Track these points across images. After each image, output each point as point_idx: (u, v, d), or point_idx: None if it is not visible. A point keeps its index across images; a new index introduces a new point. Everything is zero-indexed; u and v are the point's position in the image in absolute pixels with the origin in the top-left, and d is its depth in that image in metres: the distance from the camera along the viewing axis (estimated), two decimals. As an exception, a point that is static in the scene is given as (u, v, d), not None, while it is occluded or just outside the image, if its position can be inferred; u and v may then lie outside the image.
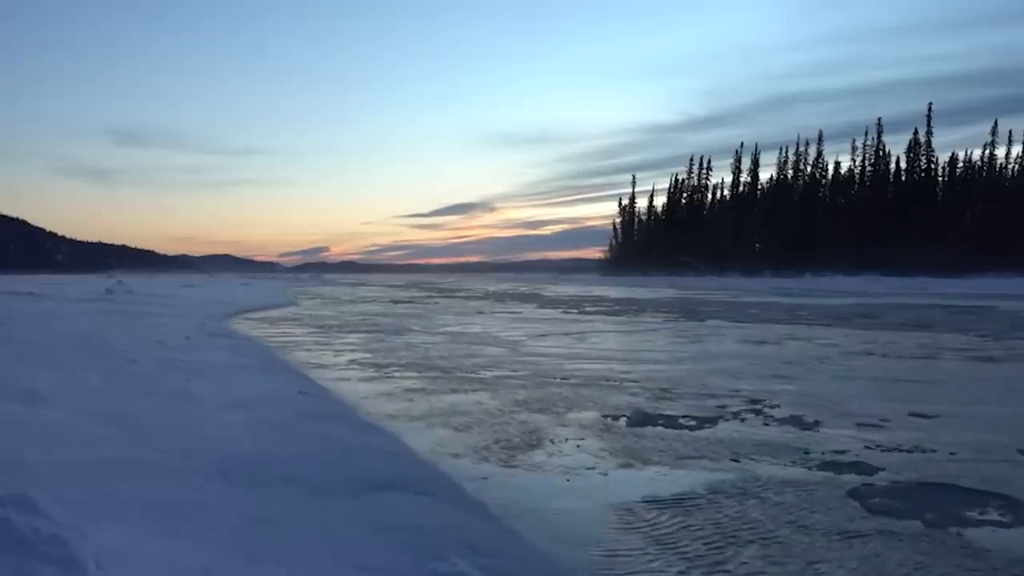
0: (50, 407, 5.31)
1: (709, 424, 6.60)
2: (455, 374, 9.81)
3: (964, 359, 11.56)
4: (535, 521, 4.07)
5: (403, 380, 9.26)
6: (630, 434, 6.22)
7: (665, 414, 7.00)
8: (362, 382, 9.21)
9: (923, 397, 7.92)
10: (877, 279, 60.52)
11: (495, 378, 9.40)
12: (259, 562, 2.79)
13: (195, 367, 8.32)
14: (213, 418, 5.41)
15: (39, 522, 2.41)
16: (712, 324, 19.09)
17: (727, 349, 13.16)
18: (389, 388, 8.69)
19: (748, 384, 8.83)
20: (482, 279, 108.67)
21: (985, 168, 73.12)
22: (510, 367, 10.43)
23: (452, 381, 9.11)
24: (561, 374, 9.69)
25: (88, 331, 12.11)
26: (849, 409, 7.23)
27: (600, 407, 7.36)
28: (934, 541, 3.82)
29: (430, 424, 6.65)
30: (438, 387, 8.66)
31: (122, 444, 4.36)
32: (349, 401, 7.61)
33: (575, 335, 15.87)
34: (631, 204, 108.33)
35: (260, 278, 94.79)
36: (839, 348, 13.04)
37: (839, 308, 27.04)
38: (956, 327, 17.80)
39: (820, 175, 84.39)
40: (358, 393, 8.28)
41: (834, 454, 5.54)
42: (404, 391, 8.42)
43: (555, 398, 7.88)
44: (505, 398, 7.91)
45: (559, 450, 5.69)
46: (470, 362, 11.05)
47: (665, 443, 5.89)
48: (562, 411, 7.19)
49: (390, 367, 10.55)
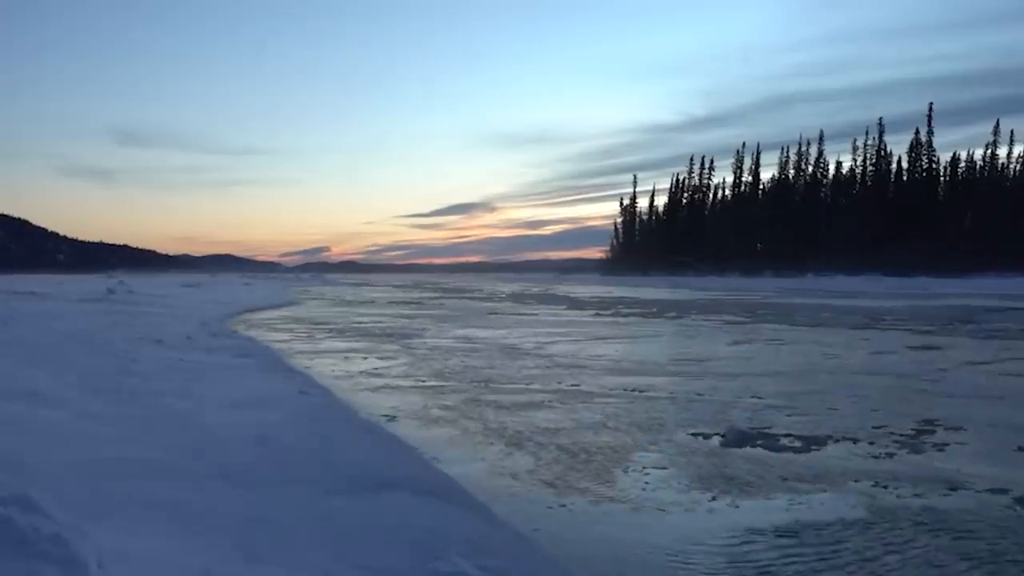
0: (51, 407, 5.31)
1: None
2: (502, 386, 8.80)
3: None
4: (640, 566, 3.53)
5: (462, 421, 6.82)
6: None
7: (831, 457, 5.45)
8: (374, 393, 9.08)
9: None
10: (878, 279, 60.42)
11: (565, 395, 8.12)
12: (259, 562, 2.79)
13: (196, 367, 8.32)
14: (214, 418, 5.42)
15: (40, 522, 2.41)
16: (776, 328, 17.33)
17: (832, 359, 11.30)
18: (420, 406, 7.59)
19: (926, 409, 7.16)
20: (485, 279, 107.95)
21: (986, 168, 73.04)
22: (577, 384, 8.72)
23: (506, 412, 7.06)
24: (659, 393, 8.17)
25: (89, 331, 12.12)
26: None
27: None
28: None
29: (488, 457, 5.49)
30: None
31: (123, 444, 4.37)
32: (349, 401, 7.61)
33: (631, 340, 14.66)
34: (632, 204, 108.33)
35: (261, 278, 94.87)
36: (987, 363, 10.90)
37: (916, 310, 24.32)
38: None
39: (821, 175, 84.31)
40: (358, 393, 8.27)
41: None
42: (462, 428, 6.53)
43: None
44: (580, 416, 6.86)
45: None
46: (522, 374, 9.64)
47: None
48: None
49: (422, 387, 8.81)
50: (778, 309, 25.92)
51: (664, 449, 5.70)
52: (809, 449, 5.66)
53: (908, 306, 27.18)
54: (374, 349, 12.99)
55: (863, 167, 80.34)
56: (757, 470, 5.08)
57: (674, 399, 7.82)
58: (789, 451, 5.61)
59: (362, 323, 19.94)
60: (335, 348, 13.32)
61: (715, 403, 7.55)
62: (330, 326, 18.85)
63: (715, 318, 21.10)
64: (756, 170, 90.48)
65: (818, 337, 14.94)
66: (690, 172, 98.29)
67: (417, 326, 18.50)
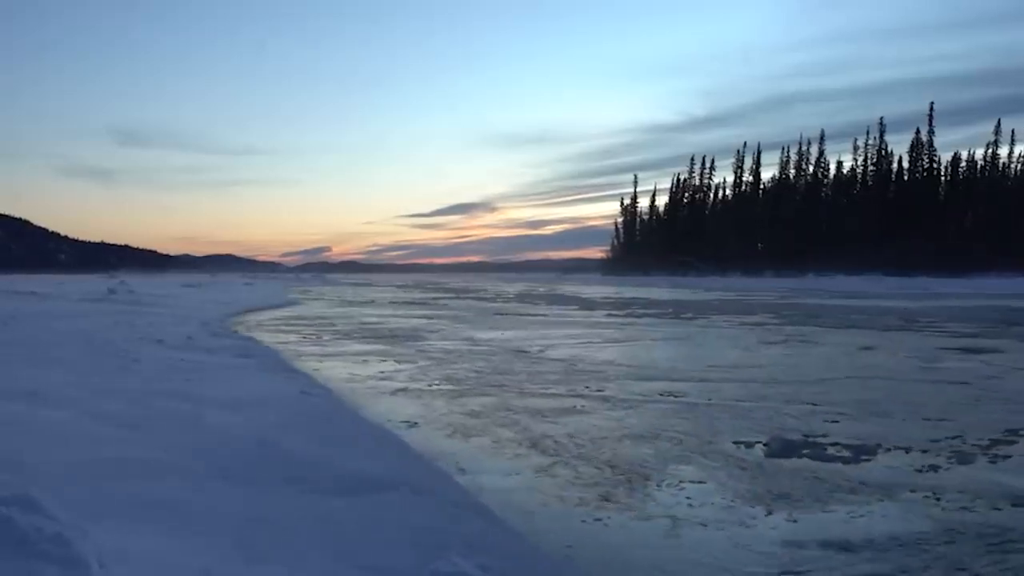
0: (52, 407, 5.33)
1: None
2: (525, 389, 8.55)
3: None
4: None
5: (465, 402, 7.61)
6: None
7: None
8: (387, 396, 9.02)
9: None
10: (879, 279, 60.40)
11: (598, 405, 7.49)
12: (260, 561, 2.80)
13: (197, 367, 8.33)
14: (215, 418, 5.43)
15: (42, 522, 2.42)
16: (810, 330, 16.25)
17: (875, 362, 10.74)
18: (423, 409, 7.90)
19: (988, 417, 6.74)
20: (487, 279, 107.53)
21: (987, 168, 73.03)
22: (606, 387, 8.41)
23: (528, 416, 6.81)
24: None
25: (90, 331, 12.14)
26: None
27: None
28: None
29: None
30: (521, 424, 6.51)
31: (124, 444, 4.38)
32: (350, 401, 7.62)
33: (656, 343, 14.05)
34: (633, 204, 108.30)
35: (262, 278, 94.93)
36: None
37: (951, 312, 23.22)
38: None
39: (822, 175, 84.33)
40: (359, 394, 8.28)
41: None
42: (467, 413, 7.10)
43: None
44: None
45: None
46: (541, 378, 9.09)
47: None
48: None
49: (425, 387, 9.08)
50: (803, 310, 24.85)
51: (707, 459, 5.36)
52: (860, 459, 5.30)
53: (940, 307, 26.31)
54: (381, 351, 12.85)
55: (864, 167, 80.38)
56: (804, 484, 4.77)
57: (711, 405, 7.38)
58: (838, 461, 5.26)
59: (367, 323, 19.89)
60: (340, 351, 13.11)
61: (757, 409, 7.11)
62: (334, 327, 18.58)
63: (737, 319, 20.29)
64: (757, 170, 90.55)
65: (853, 339, 14.33)
66: (691, 172, 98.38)
67: (424, 327, 18.21)
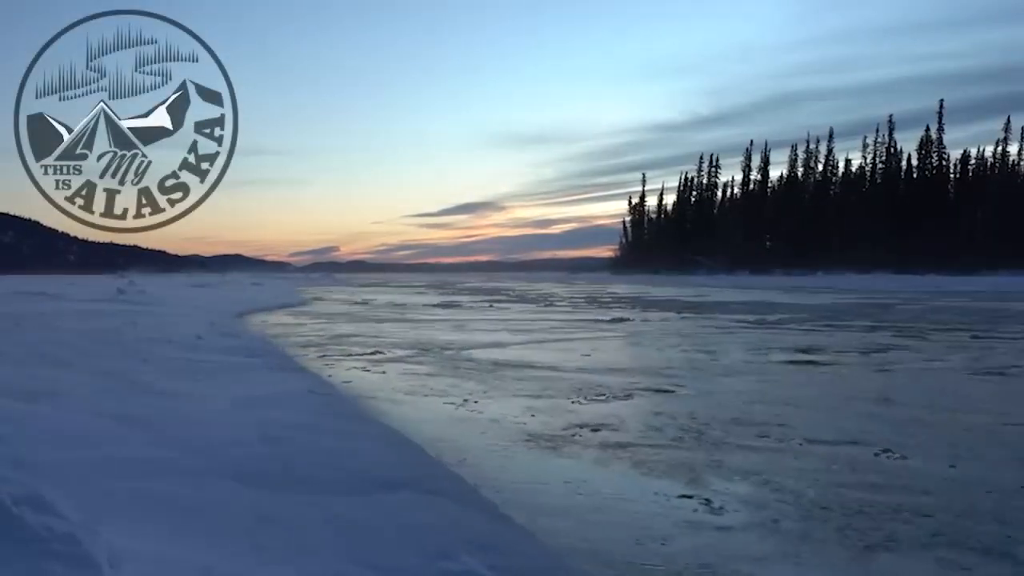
0: (62, 407, 5.35)
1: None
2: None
3: None
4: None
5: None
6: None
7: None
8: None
9: None
10: (889, 277, 60.15)
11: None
12: (269, 561, 2.80)
13: (206, 366, 8.35)
14: (224, 417, 5.44)
15: (53, 521, 2.43)
16: (927, 343, 13.46)
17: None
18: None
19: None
20: (500, 278, 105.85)
21: (997, 165, 72.61)
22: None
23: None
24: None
25: (100, 331, 12.19)
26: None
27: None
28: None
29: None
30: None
31: (134, 443, 4.39)
32: (358, 400, 7.63)
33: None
34: (641, 203, 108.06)
35: (271, 278, 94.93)
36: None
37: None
38: None
39: (831, 173, 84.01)
40: (367, 391, 8.28)
41: None
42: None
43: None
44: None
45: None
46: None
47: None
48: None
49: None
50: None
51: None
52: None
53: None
54: (397, 357, 12.88)
55: (873, 165, 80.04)
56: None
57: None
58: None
59: (384, 334, 19.66)
60: (352, 352, 13.28)
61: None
62: (354, 338, 16.04)
63: (839, 323, 17.95)
64: (765, 168, 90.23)
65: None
66: (699, 171, 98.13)
67: (444, 332, 17.86)
